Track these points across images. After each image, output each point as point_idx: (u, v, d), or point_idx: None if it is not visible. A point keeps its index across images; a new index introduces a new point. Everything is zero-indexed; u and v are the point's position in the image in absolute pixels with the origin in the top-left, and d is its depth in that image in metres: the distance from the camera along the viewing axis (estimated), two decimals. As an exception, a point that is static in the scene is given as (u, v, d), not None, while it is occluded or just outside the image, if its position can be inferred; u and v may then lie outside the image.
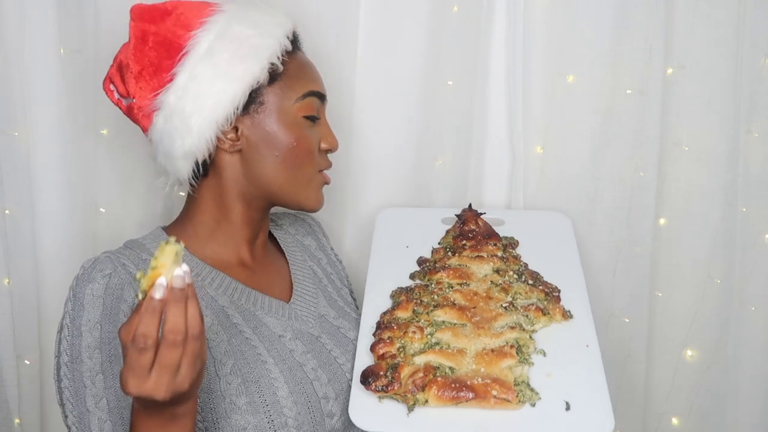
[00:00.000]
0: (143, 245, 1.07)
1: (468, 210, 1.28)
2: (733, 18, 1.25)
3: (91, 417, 0.92)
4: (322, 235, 1.32)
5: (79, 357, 0.94)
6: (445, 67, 1.35)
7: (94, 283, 0.97)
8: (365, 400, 0.96)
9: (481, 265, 1.16)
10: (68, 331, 0.96)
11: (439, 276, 1.14)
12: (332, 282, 1.23)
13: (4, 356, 1.43)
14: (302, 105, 1.08)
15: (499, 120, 1.38)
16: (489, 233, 1.23)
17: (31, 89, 1.30)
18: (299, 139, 1.07)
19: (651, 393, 1.39)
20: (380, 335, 1.04)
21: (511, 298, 1.09)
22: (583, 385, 0.97)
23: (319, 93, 1.11)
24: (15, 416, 1.45)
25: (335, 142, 1.13)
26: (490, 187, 1.40)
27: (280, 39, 1.06)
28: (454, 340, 1.01)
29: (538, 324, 1.06)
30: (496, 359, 0.97)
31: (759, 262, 1.32)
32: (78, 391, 0.93)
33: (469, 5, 1.32)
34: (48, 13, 1.28)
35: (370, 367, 0.99)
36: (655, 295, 1.37)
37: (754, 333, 1.35)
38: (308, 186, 1.10)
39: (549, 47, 1.31)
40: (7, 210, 1.37)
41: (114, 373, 0.93)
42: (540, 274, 1.16)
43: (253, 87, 1.04)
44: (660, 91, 1.29)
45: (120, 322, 0.95)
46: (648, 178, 1.32)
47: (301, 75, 1.09)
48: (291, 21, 1.11)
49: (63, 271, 1.37)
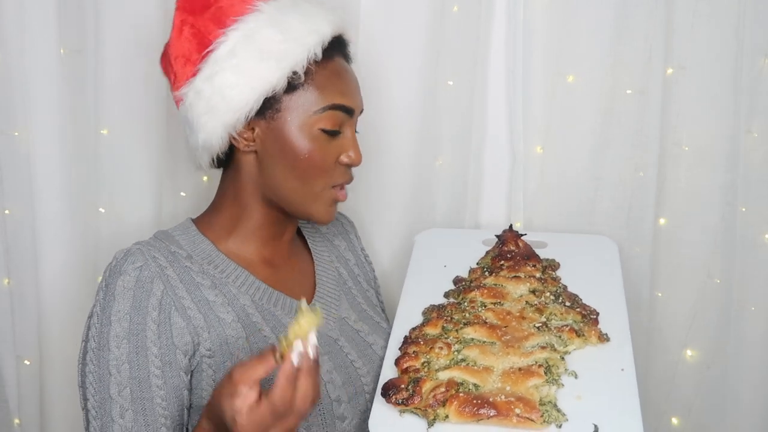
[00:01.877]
0: (173, 237, 1.07)
1: (508, 231, 1.25)
2: (733, 18, 1.25)
3: (113, 404, 0.94)
4: (354, 236, 1.31)
5: (107, 345, 0.96)
6: (445, 67, 1.35)
7: (126, 276, 0.98)
8: (386, 413, 0.94)
9: (517, 285, 1.12)
10: (98, 318, 0.97)
11: (473, 295, 1.11)
12: (358, 284, 1.23)
13: (4, 356, 1.43)
14: (321, 118, 1.03)
15: (499, 120, 1.37)
16: (528, 254, 1.19)
17: (31, 89, 1.30)
18: (312, 152, 1.03)
19: (651, 393, 1.39)
20: (405, 349, 1.02)
21: (545, 319, 1.05)
22: (615, 409, 0.92)
23: (345, 107, 1.05)
24: (15, 416, 1.46)
25: (357, 158, 1.07)
26: (489, 187, 1.40)
27: (309, 46, 1.01)
28: (481, 358, 0.98)
29: (572, 345, 1.02)
30: (523, 378, 0.94)
31: (759, 262, 1.32)
32: (102, 377, 0.95)
33: (469, 5, 1.32)
34: (48, 13, 1.28)
35: (392, 379, 0.97)
36: (655, 295, 1.37)
37: (754, 333, 1.35)
38: (317, 199, 1.06)
39: (549, 47, 1.31)
40: (7, 210, 1.37)
41: (139, 364, 0.95)
42: (579, 297, 1.12)
43: (269, 94, 1.02)
44: (660, 91, 1.29)
45: (147, 316, 0.97)
46: (648, 178, 1.32)
47: (327, 86, 1.04)
48: (334, 26, 1.06)
49: (63, 270, 1.37)
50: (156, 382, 0.95)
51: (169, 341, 0.97)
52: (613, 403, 0.94)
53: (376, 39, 1.35)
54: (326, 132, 1.04)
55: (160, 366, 0.96)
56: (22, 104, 1.31)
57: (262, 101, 1.02)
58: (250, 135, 1.04)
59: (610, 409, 0.92)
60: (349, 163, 1.07)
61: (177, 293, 1.00)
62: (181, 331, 0.98)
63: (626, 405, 0.93)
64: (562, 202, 1.36)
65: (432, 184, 1.40)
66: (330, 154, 1.05)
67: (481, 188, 1.40)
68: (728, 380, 1.36)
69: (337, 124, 1.05)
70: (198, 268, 1.04)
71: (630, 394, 0.95)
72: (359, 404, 1.04)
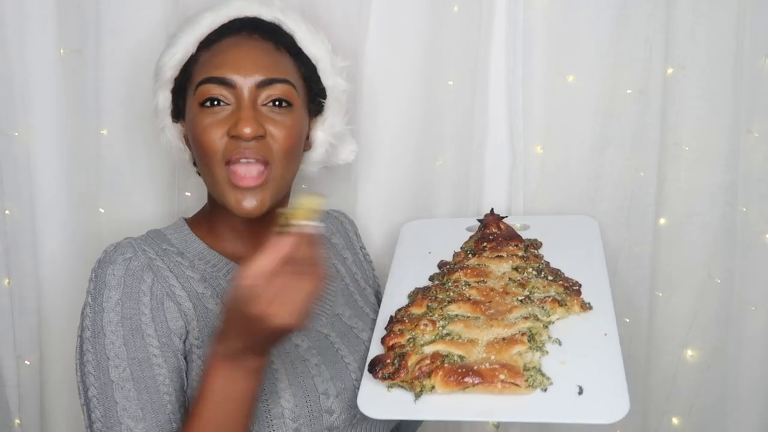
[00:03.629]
0: (165, 235, 1.08)
1: (490, 214, 1.26)
2: (733, 18, 1.25)
3: (115, 387, 0.93)
4: (353, 235, 1.32)
5: (102, 331, 0.95)
6: (445, 67, 1.35)
7: (115, 265, 0.98)
8: (373, 389, 0.96)
9: (500, 264, 1.14)
10: (90, 309, 0.97)
11: (457, 276, 1.13)
12: (355, 281, 1.23)
13: (4, 356, 1.43)
14: (196, 96, 1.03)
15: (499, 120, 1.37)
16: (510, 235, 1.21)
17: (31, 89, 1.30)
18: (195, 131, 1.03)
19: (651, 393, 1.39)
20: (391, 328, 1.04)
21: (528, 292, 1.07)
22: (599, 371, 0.94)
23: (216, 78, 1.02)
24: (15, 416, 1.45)
25: (241, 126, 0.99)
26: (490, 187, 1.40)
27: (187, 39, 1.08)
28: (465, 331, 0.99)
29: (555, 315, 1.04)
30: (507, 346, 0.95)
31: (759, 262, 1.32)
32: (101, 363, 0.95)
33: (469, 5, 1.32)
34: (48, 13, 1.28)
35: (379, 355, 0.99)
36: (655, 295, 1.37)
37: (754, 333, 1.35)
38: (218, 184, 1.03)
39: (549, 47, 1.31)
40: (7, 210, 1.37)
41: (137, 346, 0.95)
42: (561, 271, 1.14)
43: (172, 86, 1.09)
44: (660, 91, 1.29)
45: (140, 302, 0.97)
46: (648, 178, 1.32)
47: (204, 66, 1.05)
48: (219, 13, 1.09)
49: (63, 271, 1.37)
50: (156, 361, 0.95)
51: (164, 325, 0.97)
52: (597, 365, 0.95)
53: (377, 39, 1.35)
54: (205, 107, 1.02)
55: (158, 347, 0.96)
56: (22, 104, 1.31)
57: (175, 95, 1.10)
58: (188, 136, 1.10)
59: (594, 372, 0.94)
60: (235, 134, 1.00)
61: (168, 282, 1.00)
62: (174, 316, 0.98)
63: (610, 367, 0.95)
64: (562, 202, 1.36)
65: (432, 184, 1.40)
66: (217, 129, 1.02)
67: (481, 188, 1.40)
68: (728, 380, 1.36)
69: (215, 95, 1.02)
70: (188, 264, 1.05)
71: (613, 356, 0.96)
72: (348, 399, 1.04)
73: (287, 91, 1.05)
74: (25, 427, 1.45)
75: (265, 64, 1.04)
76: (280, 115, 1.04)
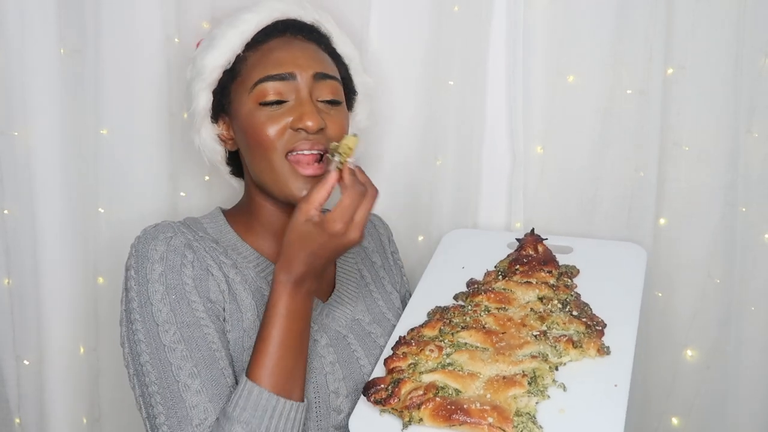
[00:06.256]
0: (201, 223, 1.13)
1: (529, 234, 1.24)
2: (733, 18, 1.25)
3: (167, 350, 0.97)
4: (386, 239, 1.33)
5: (149, 300, 1.00)
6: (445, 68, 1.35)
7: (157, 241, 1.03)
8: (367, 412, 0.96)
9: (526, 291, 1.11)
10: (134, 281, 1.01)
11: (480, 299, 1.11)
12: (381, 287, 1.24)
13: (4, 356, 1.43)
14: (254, 94, 1.07)
15: (499, 120, 1.38)
16: (546, 260, 1.18)
17: (31, 89, 1.30)
18: (254, 127, 1.06)
19: (651, 393, 1.39)
20: (396, 349, 1.03)
21: (545, 327, 1.04)
22: (598, 425, 0.90)
23: (276, 75, 1.07)
24: (15, 416, 1.46)
25: (305, 119, 1.04)
26: (490, 187, 1.40)
27: (233, 41, 1.10)
28: (469, 363, 0.98)
29: (566, 357, 0.99)
30: (504, 387, 0.93)
31: (759, 262, 1.32)
32: (150, 330, 0.99)
33: (469, 5, 1.32)
34: (48, 13, 1.28)
35: (374, 379, 0.99)
36: (655, 295, 1.37)
37: (754, 333, 1.35)
38: (279, 176, 1.06)
39: (549, 47, 1.31)
40: (7, 210, 1.37)
41: (183, 311, 0.99)
42: (589, 306, 1.09)
43: (215, 86, 1.11)
44: (660, 91, 1.29)
45: (182, 274, 1.02)
46: (648, 178, 1.32)
47: (258, 65, 1.08)
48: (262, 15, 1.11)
49: (63, 271, 1.37)
50: (204, 323, 1.00)
51: (206, 296, 1.02)
52: (597, 419, 0.91)
53: (377, 39, 1.35)
54: (266, 104, 1.07)
55: (204, 311, 1.01)
56: (22, 104, 1.31)
57: (218, 95, 1.12)
58: (227, 134, 1.13)
59: (591, 426, 0.90)
60: (300, 126, 1.05)
61: (206, 261, 1.05)
62: (215, 289, 1.03)
63: (609, 423, 0.90)
64: (562, 202, 1.36)
65: (432, 184, 1.40)
66: (278, 123, 1.06)
67: (481, 188, 1.40)
68: (728, 380, 1.36)
69: (276, 93, 1.07)
70: (222, 250, 1.09)
71: (617, 412, 0.91)
72: (357, 400, 1.04)
73: (337, 89, 1.11)
74: (25, 426, 1.45)
75: (318, 59, 1.11)
76: (333, 110, 1.10)
